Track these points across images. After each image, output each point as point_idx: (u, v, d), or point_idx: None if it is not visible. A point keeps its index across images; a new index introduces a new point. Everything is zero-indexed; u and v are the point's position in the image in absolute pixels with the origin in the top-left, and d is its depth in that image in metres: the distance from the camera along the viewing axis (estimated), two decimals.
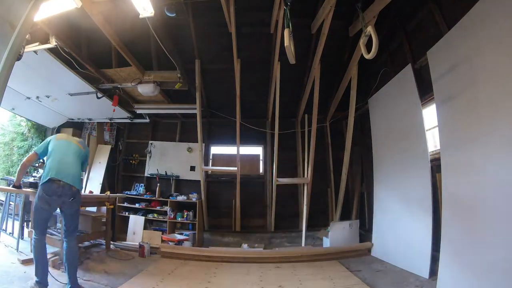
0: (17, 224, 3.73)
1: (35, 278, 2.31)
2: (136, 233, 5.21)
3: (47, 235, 2.72)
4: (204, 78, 5.14)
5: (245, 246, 4.99)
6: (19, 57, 1.81)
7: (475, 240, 2.26)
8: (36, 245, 2.34)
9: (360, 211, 5.16)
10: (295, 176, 5.71)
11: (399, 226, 3.51)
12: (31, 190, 2.80)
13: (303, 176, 5.37)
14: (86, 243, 3.83)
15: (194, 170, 5.81)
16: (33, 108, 4.98)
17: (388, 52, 4.31)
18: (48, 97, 4.61)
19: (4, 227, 3.83)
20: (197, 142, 5.28)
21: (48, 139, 2.70)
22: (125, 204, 5.61)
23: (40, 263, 2.34)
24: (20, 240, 3.47)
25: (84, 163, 2.91)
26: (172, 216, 5.33)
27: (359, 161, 5.33)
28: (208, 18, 4.26)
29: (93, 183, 5.51)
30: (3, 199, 4.29)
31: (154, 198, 5.55)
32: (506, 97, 2.07)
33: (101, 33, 3.43)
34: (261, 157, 6.14)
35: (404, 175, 3.52)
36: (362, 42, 2.98)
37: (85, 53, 4.28)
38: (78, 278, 2.51)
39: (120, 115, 5.62)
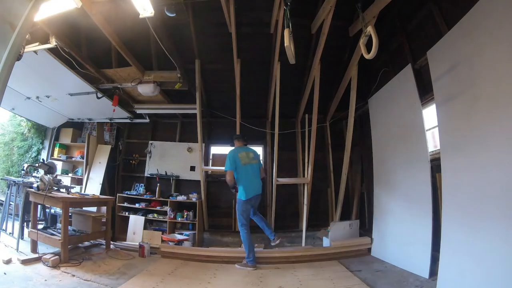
0: (17, 224, 3.74)
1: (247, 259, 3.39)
2: (136, 233, 5.21)
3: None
4: (204, 78, 5.14)
5: None
6: (19, 57, 1.81)
7: (475, 240, 2.26)
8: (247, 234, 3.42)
9: (360, 211, 5.16)
10: (295, 176, 5.71)
11: (399, 226, 3.51)
12: None
13: (303, 176, 5.37)
14: (86, 243, 3.84)
15: (194, 170, 5.81)
16: (33, 108, 4.98)
17: (388, 52, 4.30)
18: (48, 97, 4.62)
19: (4, 227, 3.83)
20: (197, 142, 5.27)
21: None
22: (125, 204, 5.60)
23: (251, 248, 3.42)
24: (20, 240, 3.48)
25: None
26: (172, 216, 5.32)
27: (359, 161, 5.33)
28: (208, 18, 4.26)
29: (93, 183, 5.51)
30: (3, 199, 4.30)
31: (154, 198, 5.54)
32: (506, 97, 2.07)
33: (101, 33, 3.43)
34: (261, 157, 6.14)
35: (404, 175, 3.52)
36: (362, 42, 2.97)
37: (85, 53, 4.28)
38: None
39: (120, 115, 5.62)
